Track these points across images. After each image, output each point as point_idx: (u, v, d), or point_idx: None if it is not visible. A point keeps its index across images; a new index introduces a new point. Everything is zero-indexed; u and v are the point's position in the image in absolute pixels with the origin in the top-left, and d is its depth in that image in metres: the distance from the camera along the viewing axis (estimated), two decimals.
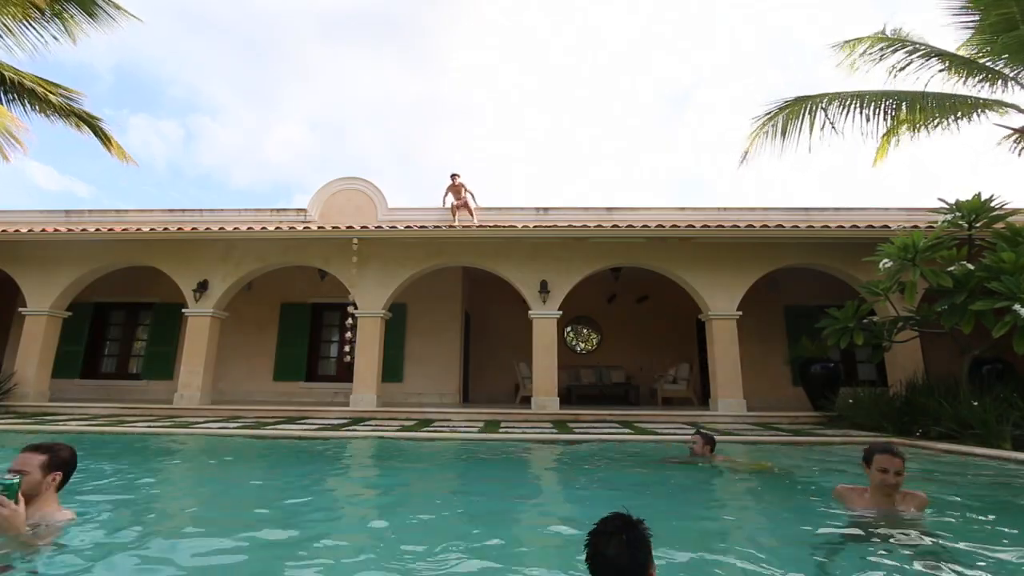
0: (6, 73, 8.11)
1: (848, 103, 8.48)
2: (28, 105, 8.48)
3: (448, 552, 2.33)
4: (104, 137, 9.14)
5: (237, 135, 53.22)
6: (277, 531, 2.67)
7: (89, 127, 8.96)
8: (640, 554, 1.36)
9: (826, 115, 8.52)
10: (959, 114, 8.32)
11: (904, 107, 8.33)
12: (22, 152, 8.47)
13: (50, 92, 8.46)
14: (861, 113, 8.46)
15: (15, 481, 1.87)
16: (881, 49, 8.61)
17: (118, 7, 8.41)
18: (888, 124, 8.58)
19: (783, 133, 8.79)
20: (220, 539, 2.47)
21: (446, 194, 11.29)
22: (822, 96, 8.60)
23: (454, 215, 11.18)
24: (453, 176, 11.26)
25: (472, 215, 11.09)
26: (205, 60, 45.46)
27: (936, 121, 8.42)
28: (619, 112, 48.19)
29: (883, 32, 8.62)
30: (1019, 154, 8.60)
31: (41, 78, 8.52)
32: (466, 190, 11.31)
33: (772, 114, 8.84)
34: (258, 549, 2.34)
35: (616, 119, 48.87)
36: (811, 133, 8.63)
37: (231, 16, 40.98)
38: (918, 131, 8.64)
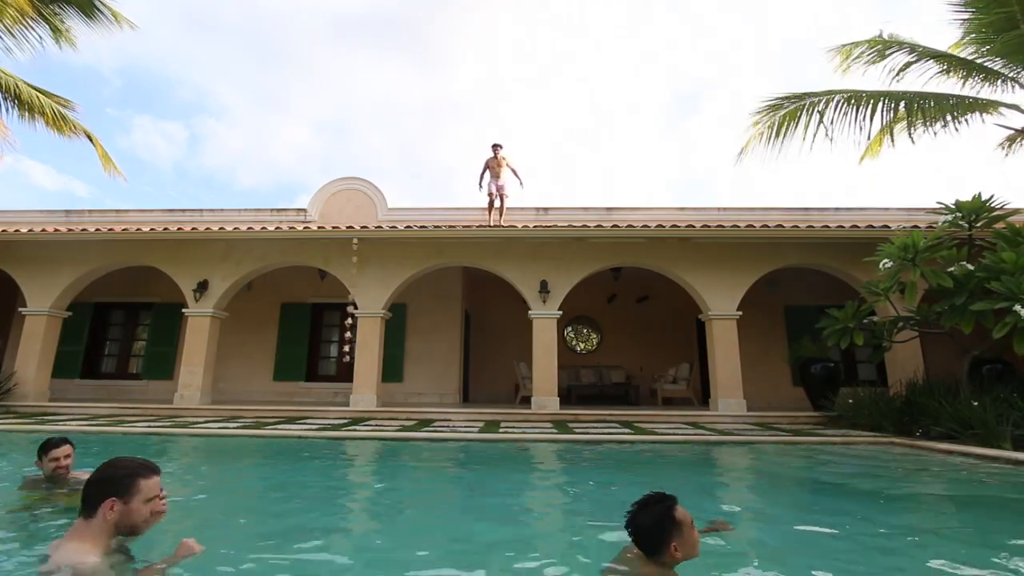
0: (2, 78, 8.16)
1: (847, 101, 8.46)
2: (26, 112, 8.55)
3: (448, 553, 2.33)
4: (94, 145, 9.23)
5: (243, 136, 53.29)
6: (276, 532, 2.66)
7: (84, 133, 9.03)
8: (660, 527, 1.64)
9: (821, 116, 8.51)
10: (957, 114, 8.32)
11: (902, 107, 8.33)
12: (11, 151, 8.55)
13: (45, 101, 8.55)
14: (858, 112, 8.45)
15: None
16: (878, 52, 8.61)
17: (116, 13, 8.46)
18: (885, 124, 8.58)
19: (779, 133, 8.78)
20: (217, 540, 2.47)
21: (483, 172, 10.28)
22: (820, 95, 8.57)
23: (490, 211, 10.27)
24: (494, 148, 10.09)
25: (502, 211, 10.21)
26: (213, 62, 45.49)
27: (934, 121, 8.42)
28: (620, 111, 48.21)
29: (880, 36, 8.62)
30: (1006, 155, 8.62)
31: (37, 87, 8.60)
32: (510, 168, 10.14)
33: (770, 110, 8.81)
34: (254, 550, 2.33)
35: (616, 118, 48.89)
36: (806, 132, 8.62)
37: (239, 19, 40.99)
38: (915, 131, 8.63)
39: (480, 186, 10.38)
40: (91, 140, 9.20)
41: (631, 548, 1.89)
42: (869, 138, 8.73)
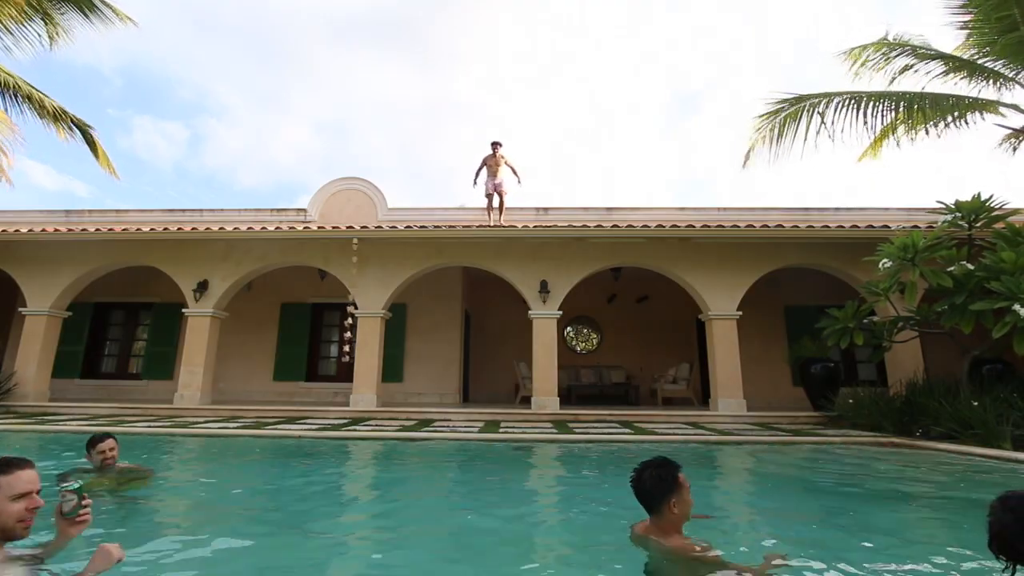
0: (1, 76, 8.15)
1: (848, 103, 8.47)
2: (27, 110, 8.54)
3: (445, 555, 2.33)
4: (92, 145, 9.19)
5: (243, 136, 53.29)
6: (275, 533, 2.66)
7: (81, 132, 9.00)
8: (662, 485, 1.84)
9: (822, 119, 8.51)
10: (957, 114, 8.32)
11: (903, 107, 8.33)
12: (6, 162, 8.52)
13: (48, 102, 8.53)
14: (860, 113, 8.45)
15: (78, 485, 1.80)
16: (884, 54, 8.62)
17: (115, 9, 8.44)
18: (886, 124, 8.58)
19: (780, 135, 8.79)
20: (217, 541, 2.47)
21: (479, 169, 10.13)
22: (821, 96, 8.58)
23: (489, 210, 10.13)
24: (494, 146, 9.99)
25: (501, 211, 10.10)
26: (213, 62, 45.49)
27: (935, 121, 8.42)
28: (620, 111, 48.23)
29: (885, 38, 8.63)
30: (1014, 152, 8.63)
31: (37, 88, 8.59)
32: (509, 166, 10.01)
33: (771, 114, 8.82)
34: (255, 552, 2.34)
35: (616, 118, 48.92)
36: (807, 134, 8.63)
37: (239, 19, 41.00)
38: (916, 132, 8.64)
39: (475, 183, 10.26)
40: (86, 137, 9.12)
41: (635, 525, 2.05)
42: (871, 138, 8.73)
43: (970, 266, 6.37)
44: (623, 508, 3.28)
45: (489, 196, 10.16)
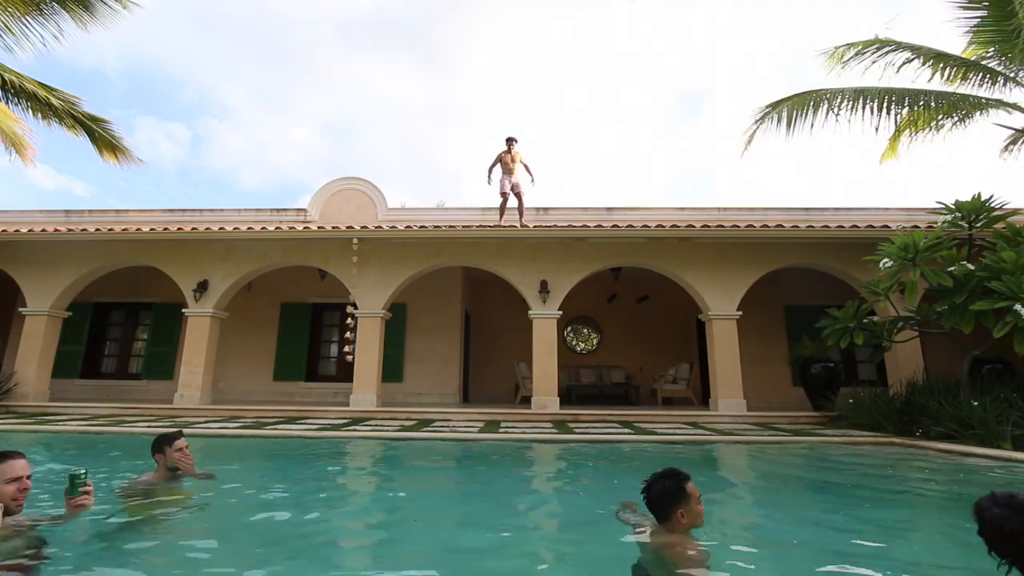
0: (6, 75, 8.08)
1: (852, 99, 8.43)
2: (30, 110, 8.46)
3: (447, 554, 2.33)
4: (105, 142, 9.05)
5: (247, 138, 53.39)
6: (275, 533, 2.66)
7: (87, 132, 8.91)
8: (669, 497, 1.93)
9: (830, 106, 8.44)
10: (962, 112, 8.30)
11: (907, 103, 8.30)
12: (21, 161, 8.43)
13: (51, 96, 8.44)
14: (864, 109, 8.42)
15: (83, 471, 2.12)
16: (875, 51, 8.60)
17: None
18: (893, 123, 8.55)
19: (788, 124, 8.66)
20: (218, 541, 2.47)
21: (492, 166, 9.87)
22: (826, 92, 8.54)
23: (502, 211, 9.91)
24: (509, 142, 9.80)
25: (521, 212, 9.91)
26: (217, 63, 45.54)
27: (939, 120, 8.41)
28: (620, 111, 48.26)
29: (876, 38, 8.61)
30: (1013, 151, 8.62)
31: (41, 83, 8.50)
32: (523, 164, 9.82)
33: (776, 105, 8.75)
34: (256, 552, 2.33)
35: (617, 118, 48.94)
36: (813, 128, 8.57)
37: (244, 20, 41.06)
38: (922, 131, 8.63)
39: (489, 180, 9.93)
40: (92, 134, 9.00)
41: (640, 523, 2.16)
42: (879, 134, 8.68)
43: (970, 266, 6.37)
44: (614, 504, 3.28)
45: (504, 195, 9.86)
